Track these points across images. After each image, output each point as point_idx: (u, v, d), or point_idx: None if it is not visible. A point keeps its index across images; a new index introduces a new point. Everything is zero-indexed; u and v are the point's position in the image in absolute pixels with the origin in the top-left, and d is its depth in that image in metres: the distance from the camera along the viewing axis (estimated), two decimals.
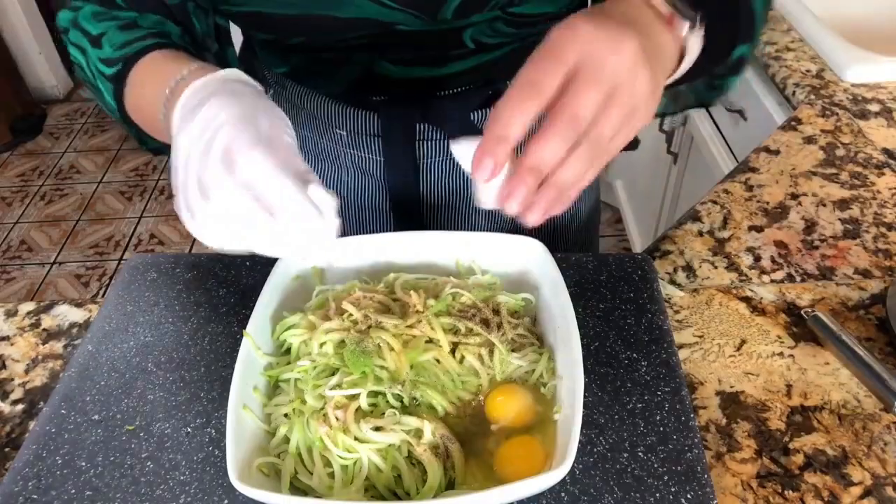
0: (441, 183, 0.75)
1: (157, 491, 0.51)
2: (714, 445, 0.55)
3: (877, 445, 0.55)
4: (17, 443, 0.57)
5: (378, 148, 0.72)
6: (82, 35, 0.60)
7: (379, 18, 0.57)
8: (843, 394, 0.59)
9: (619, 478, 0.51)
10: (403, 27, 0.58)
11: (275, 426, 0.51)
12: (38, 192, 2.62)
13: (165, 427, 0.55)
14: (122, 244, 2.38)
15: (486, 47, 0.63)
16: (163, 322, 0.64)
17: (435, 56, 0.63)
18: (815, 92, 1.02)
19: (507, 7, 0.59)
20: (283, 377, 0.54)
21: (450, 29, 0.60)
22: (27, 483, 0.52)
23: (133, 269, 0.70)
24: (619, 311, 0.63)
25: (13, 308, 0.70)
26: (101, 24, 0.60)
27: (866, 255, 0.73)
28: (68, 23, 0.63)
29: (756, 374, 0.61)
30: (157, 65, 0.55)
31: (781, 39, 1.17)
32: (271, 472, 0.49)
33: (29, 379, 0.63)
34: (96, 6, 0.61)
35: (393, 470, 0.48)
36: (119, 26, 0.59)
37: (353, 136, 0.72)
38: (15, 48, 2.87)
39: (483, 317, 0.57)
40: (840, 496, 0.52)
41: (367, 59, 0.63)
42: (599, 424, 0.55)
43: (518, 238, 0.62)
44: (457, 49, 0.63)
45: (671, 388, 0.57)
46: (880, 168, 0.86)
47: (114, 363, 0.61)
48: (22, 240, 2.42)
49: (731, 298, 0.68)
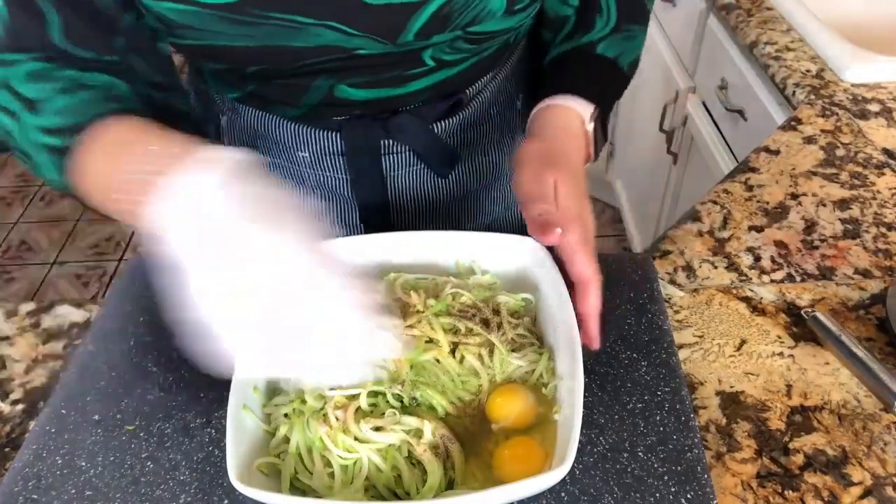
0: (408, 193, 0.74)
1: (157, 491, 0.51)
2: (714, 445, 0.55)
3: (877, 445, 0.55)
4: (17, 443, 0.57)
5: (342, 166, 0.71)
6: (13, 98, 0.52)
7: (339, 45, 0.56)
8: (843, 394, 0.59)
9: (619, 478, 0.51)
10: (364, 51, 0.58)
11: (275, 426, 0.51)
12: (38, 192, 2.62)
13: (165, 427, 0.55)
14: (122, 244, 2.38)
15: (446, 63, 0.63)
16: (163, 322, 0.64)
17: (395, 77, 0.63)
18: (815, 92, 1.02)
19: (468, 27, 0.58)
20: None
21: (409, 50, 0.60)
22: (27, 483, 0.52)
23: (133, 269, 0.70)
24: (619, 311, 0.63)
25: (13, 308, 0.70)
26: (39, 85, 0.52)
27: (866, 255, 0.73)
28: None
29: (756, 374, 0.61)
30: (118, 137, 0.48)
31: (781, 39, 1.17)
32: (271, 472, 0.49)
33: (29, 379, 0.63)
34: (37, 63, 0.53)
35: (393, 470, 0.48)
36: (61, 89, 0.52)
37: (316, 157, 0.71)
38: None
39: (483, 317, 0.57)
40: (840, 496, 0.52)
41: (326, 85, 0.62)
42: (599, 424, 0.55)
43: (518, 238, 0.62)
44: (417, 68, 0.62)
45: (671, 388, 0.57)
46: (880, 168, 0.86)
47: (114, 363, 0.61)
48: (22, 240, 2.42)
49: (731, 298, 0.68)
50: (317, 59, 0.58)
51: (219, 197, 0.41)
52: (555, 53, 0.68)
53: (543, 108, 0.62)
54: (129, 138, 0.47)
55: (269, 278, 0.41)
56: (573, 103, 0.61)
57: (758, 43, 1.18)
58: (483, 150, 0.75)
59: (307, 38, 0.55)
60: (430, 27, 0.57)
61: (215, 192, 0.41)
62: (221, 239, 0.41)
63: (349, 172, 0.72)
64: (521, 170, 0.56)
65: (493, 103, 0.73)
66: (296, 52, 0.57)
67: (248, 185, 0.42)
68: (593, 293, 0.52)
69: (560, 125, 0.61)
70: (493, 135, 0.75)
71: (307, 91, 0.63)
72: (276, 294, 0.41)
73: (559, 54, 0.68)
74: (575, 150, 0.60)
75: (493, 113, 0.73)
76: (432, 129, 0.70)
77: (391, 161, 0.71)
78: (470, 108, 0.71)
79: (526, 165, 0.56)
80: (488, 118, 0.73)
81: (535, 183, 0.55)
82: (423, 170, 0.73)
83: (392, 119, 0.67)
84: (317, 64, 0.59)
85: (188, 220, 0.41)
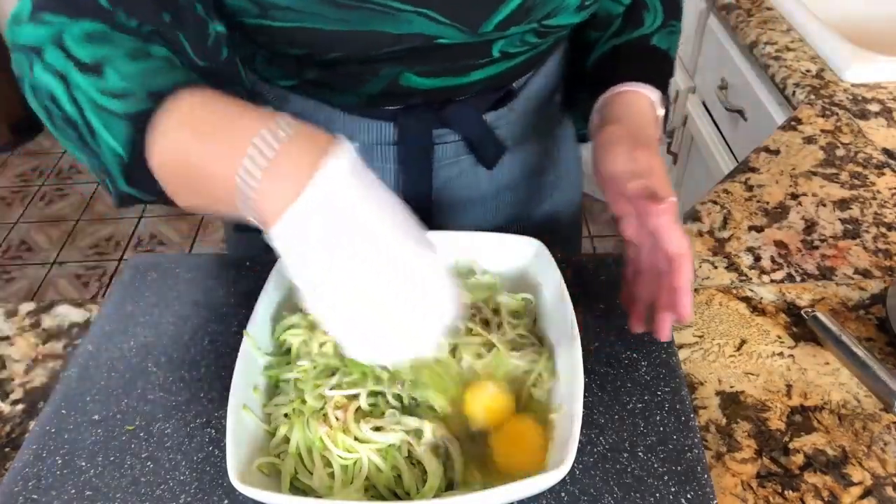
0: (453, 184, 0.75)
1: (157, 491, 0.51)
2: (714, 445, 0.55)
3: (877, 445, 0.55)
4: (17, 443, 0.57)
5: (392, 155, 0.72)
6: (66, 59, 0.49)
7: (424, 32, 0.57)
8: (843, 394, 0.59)
9: (619, 478, 0.51)
10: (443, 41, 0.58)
11: (275, 426, 0.51)
12: (38, 192, 2.62)
13: (165, 427, 0.55)
14: (122, 244, 2.38)
15: (508, 56, 0.64)
16: (163, 322, 0.64)
17: (461, 66, 0.63)
18: (815, 92, 1.02)
19: (544, 20, 0.60)
20: (283, 377, 0.54)
21: (483, 42, 0.60)
22: (27, 483, 0.52)
23: (133, 269, 0.70)
24: (619, 311, 0.63)
25: (13, 308, 0.70)
26: (98, 47, 0.49)
27: (866, 255, 0.73)
28: (42, 41, 0.50)
29: (756, 374, 0.61)
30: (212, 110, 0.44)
31: (781, 39, 1.17)
32: (271, 472, 0.49)
33: (29, 379, 0.63)
34: (93, 23, 0.49)
35: (393, 470, 0.48)
36: (125, 54, 0.49)
37: (367, 146, 0.71)
38: None
39: (483, 317, 0.57)
40: (840, 496, 0.52)
41: (394, 73, 0.63)
42: (599, 424, 0.55)
43: (518, 238, 0.62)
44: (483, 59, 0.63)
45: (671, 388, 0.57)
46: (880, 168, 0.86)
47: (114, 363, 0.61)
48: (22, 240, 2.42)
49: (731, 298, 0.68)
50: (399, 47, 0.58)
51: (352, 186, 0.41)
52: (602, 50, 0.70)
53: (615, 94, 0.64)
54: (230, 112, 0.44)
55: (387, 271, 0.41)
56: (644, 89, 0.63)
57: (758, 43, 1.18)
58: (526, 142, 0.76)
59: (397, 25, 0.56)
60: (512, 18, 0.57)
61: (349, 181, 0.40)
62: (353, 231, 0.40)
63: (398, 162, 0.72)
64: (612, 149, 0.57)
65: (536, 97, 0.74)
66: (382, 38, 0.57)
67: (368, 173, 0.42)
68: (688, 266, 0.52)
69: (636, 109, 0.62)
70: (536, 127, 0.76)
71: (373, 78, 0.63)
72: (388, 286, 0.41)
73: (609, 49, 0.70)
74: (654, 132, 0.62)
75: (537, 106, 0.74)
76: (483, 119, 0.71)
77: (441, 151, 0.72)
78: (517, 99, 0.72)
79: (616, 145, 0.57)
80: (533, 110, 0.74)
81: (631, 161, 0.56)
82: (470, 160, 0.74)
83: (446, 108, 0.68)
84: (395, 52, 0.59)
85: (322, 210, 0.40)
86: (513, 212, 0.81)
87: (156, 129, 0.45)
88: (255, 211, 0.41)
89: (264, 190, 0.40)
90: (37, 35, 0.50)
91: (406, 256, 0.42)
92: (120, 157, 0.48)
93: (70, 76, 0.48)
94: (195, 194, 0.46)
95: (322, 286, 0.41)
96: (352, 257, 0.40)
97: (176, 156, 0.45)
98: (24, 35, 0.50)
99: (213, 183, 0.43)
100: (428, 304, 0.43)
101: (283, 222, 0.40)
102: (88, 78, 0.48)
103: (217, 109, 0.44)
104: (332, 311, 0.42)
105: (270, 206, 0.40)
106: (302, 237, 0.40)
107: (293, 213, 0.40)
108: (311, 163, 0.40)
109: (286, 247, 0.41)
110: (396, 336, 0.43)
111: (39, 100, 0.51)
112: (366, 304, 0.41)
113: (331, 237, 0.40)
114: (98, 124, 0.48)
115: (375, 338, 0.43)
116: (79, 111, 0.48)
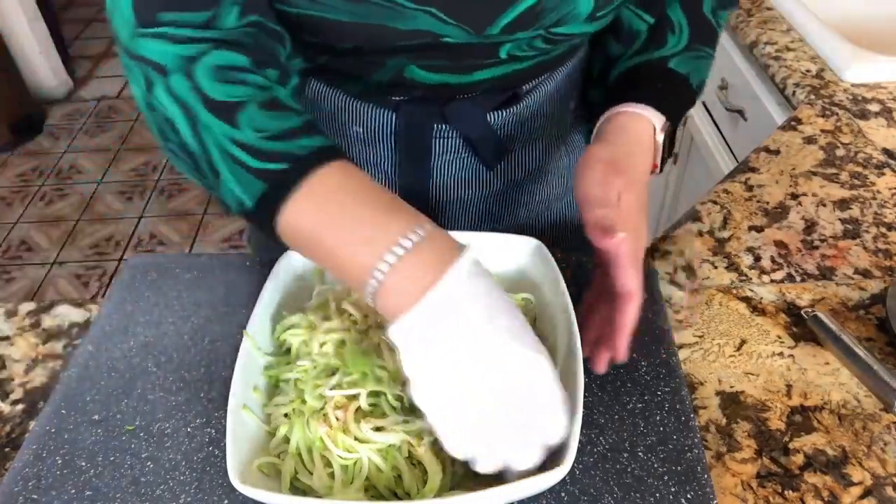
0: (451, 180, 0.75)
1: (157, 491, 0.51)
2: (714, 445, 0.55)
3: (877, 445, 0.55)
4: (17, 443, 0.57)
5: (392, 145, 0.72)
6: (194, 91, 0.48)
7: (431, 30, 0.57)
8: (843, 394, 0.59)
9: (619, 478, 0.51)
10: (449, 40, 0.59)
11: (275, 426, 0.51)
12: (38, 192, 2.62)
13: (165, 427, 0.55)
14: (122, 244, 2.38)
15: (516, 59, 0.64)
16: (163, 322, 0.64)
17: (467, 65, 0.64)
18: (815, 92, 1.02)
19: (551, 27, 0.59)
20: (283, 377, 0.54)
21: (490, 43, 0.60)
22: (27, 483, 0.52)
23: (133, 269, 0.70)
24: None
25: (13, 308, 0.70)
26: (227, 87, 0.48)
27: (866, 255, 0.73)
28: (169, 61, 0.48)
29: (756, 374, 0.61)
30: (354, 199, 0.46)
31: (781, 39, 1.17)
32: (271, 472, 0.49)
33: (29, 379, 0.63)
34: (224, 53, 0.49)
35: (393, 470, 0.48)
36: (261, 103, 0.49)
37: (369, 134, 0.72)
38: (15, 48, 2.87)
39: None
40: (840, 496, 0.52)
41: (400, 64, 0.63)
42: (599, 424, 0.55)
43: (518, 238, 0.62)
44: (489, 60, 0.63)
45: (671, 388, 0.57)
46: (880, 168, 0.86)
47: (114, 363, 0.61)
48: (22, 240, 2.42)
49: (731, 298, 0.68)
50: (406, 42, 0.59)
51: (470, 295, 0.43)
52: (624, 67, 0.69)
53: (615, 114, 0.63)
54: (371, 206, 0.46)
55: (499, 384, 0.44)
56: (646, 112, 0.62)
57: (758, 43, 1.18)
58: (531, 146, 0.76)
59: (403, 21, 0.56)
60: (518, 23, 0.57)
61: (467, 290, 0.43)
62: (463, 334, 0.43)
63: (397, 152, 0.72)
64: (588, 171, 0.57)
65: (547, 101, 0.74)
66: (389, 33, 0.57)
67: (486, 279, 0.45)
68: (633, 307, 0.52)
69: (631, 132, 0.61)
70: (542, 132, 0.76)
71: (380, 68, 0.64)
72: (500, 398, 0.44)
73: (629, 67, 0.69)
74: (642, 159, 0.61)
75: (546, 111, 0.74)
76: (487, 119, 0.71)
77: (440, 146, 0.72)
78: (525, 102, 0.72)
79: (593, 168, 0.57)
80: (540, 115, 0.74)
81: (601, 186, 0.55)
82: (471, 158, 0.74)
83: (450, 104, 0.68)
84: (402, 46, 0.60)
85: (440, 313, 0.43)
86: (513, 212, 0.81)
87: (293, 201, 0.46)
88: (375, 299, 0.45)
89: (390, 285, 0.44)
90: (163, 54, 0.49)
91: (512, 360, 0.44)
92: (243, 204, 0.48)
93: (198, 113, 0.48)
94: (317, 262, 0.49)
95: (428, 380, 0.44)
96: (459, 360, 0.43)
97: (311, 234, 0.47)
98: (149, 50, 0.49)
99: (342, 265, 0.46)
100: (527, 419, 0.45)
101: (402, 321, 0.43)
102: (221, 123, 0.48)
103: (359, 200, 0.46)
104: (436, 404, 0.45)
105: (394, 301, 0.44)
106: (419, 336, 0.43)
107: (413, 314, 0.43)
108: (437, 268, 0.43)
109: (404, 341, 0.44)
110: (492, 446, 0.45)
111: (156, 119, 0.50)
112: (469, 405, 0.44)
113: (444, 339, 0.43)
114: (226, 172, 0.48)
115: (473, 443, 0.45)
116: (203, 149, 0.48)
